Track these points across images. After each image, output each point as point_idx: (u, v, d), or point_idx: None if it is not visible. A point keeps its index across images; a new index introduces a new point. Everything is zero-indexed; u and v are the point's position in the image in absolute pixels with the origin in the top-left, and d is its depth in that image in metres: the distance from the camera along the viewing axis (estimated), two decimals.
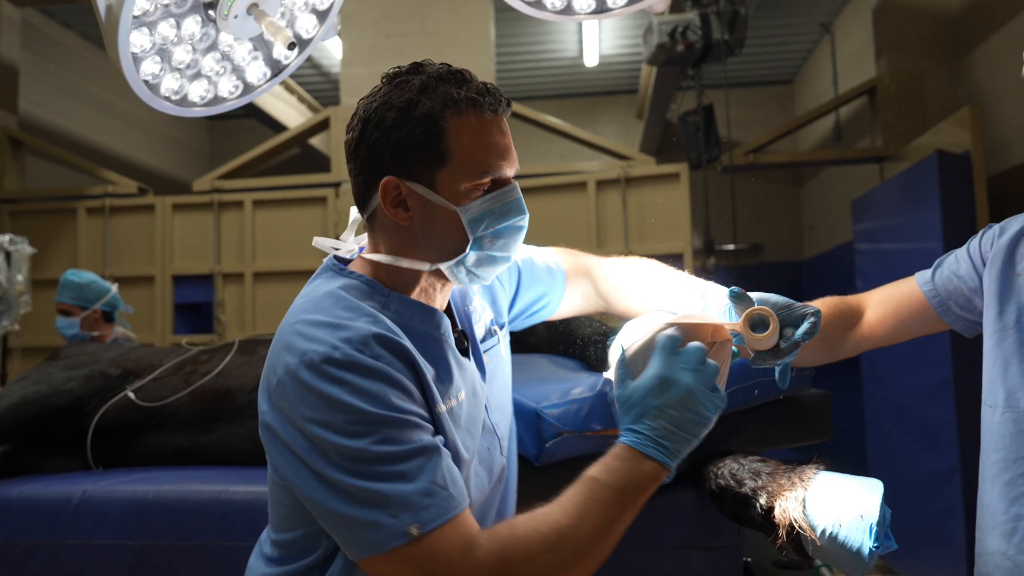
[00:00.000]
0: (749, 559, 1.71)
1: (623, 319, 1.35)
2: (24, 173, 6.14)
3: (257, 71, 1.41)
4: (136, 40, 1.16)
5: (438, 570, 0.92)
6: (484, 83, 1.07)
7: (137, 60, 1.19)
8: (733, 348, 1.18)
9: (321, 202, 5.44)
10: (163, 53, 1.24)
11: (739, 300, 1.16)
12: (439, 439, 1.00)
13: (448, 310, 1.20)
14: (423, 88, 1.04)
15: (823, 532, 1.15)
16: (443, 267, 1.09)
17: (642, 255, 4.74)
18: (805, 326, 1.12)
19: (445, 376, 1.08)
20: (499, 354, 1.28)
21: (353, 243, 1.20)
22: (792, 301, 1.17)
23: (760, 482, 1.32)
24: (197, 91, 1.33)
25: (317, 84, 8.50)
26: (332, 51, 7.13)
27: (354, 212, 1.19)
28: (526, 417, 1.50)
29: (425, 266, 1.09)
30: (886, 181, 4.88)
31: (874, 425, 4.78)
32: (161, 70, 1.25)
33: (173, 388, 1.99)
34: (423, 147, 1.03)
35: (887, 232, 4.62)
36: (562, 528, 0.96)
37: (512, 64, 8.35)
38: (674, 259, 4.95)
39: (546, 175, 5.37)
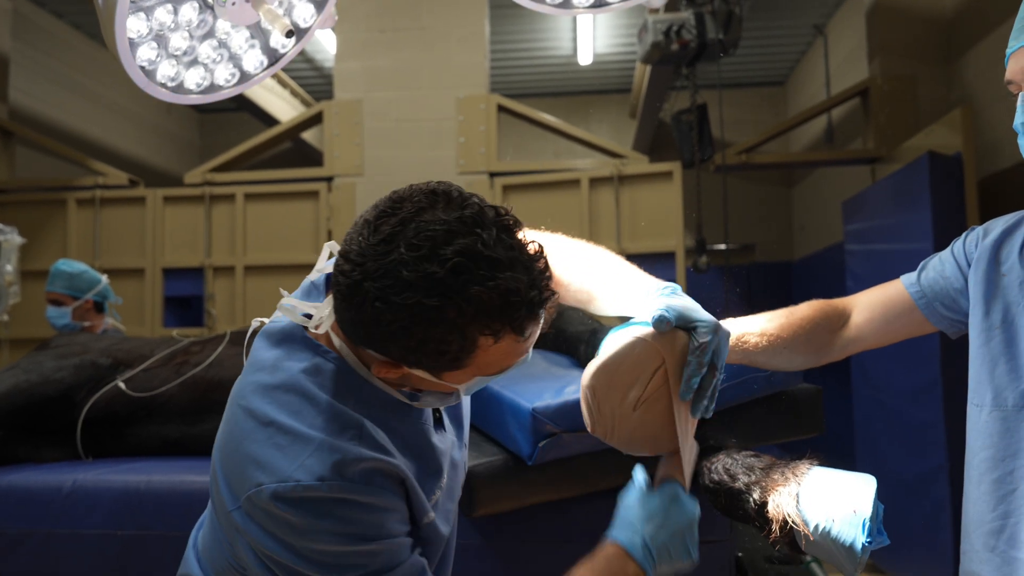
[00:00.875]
0: (740, 554, 1.71)
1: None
2: (14, 163, 6.09)
3: (254, 59, 1.40)
4: (133, 25, 1.15)
5: None
6: (535, 296, 0.88)
7: (134, 46, 1.18)
8: None
9: (313, 196, 5.42)
10: (160, 39, 1.23)
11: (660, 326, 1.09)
12: (412, 550, 0.99)
13: None
14: (461, 321, 0.85)
15: (816, 527, 1.15)
16: (417, 405, 1.04)
17: (635, 253, 4.73)
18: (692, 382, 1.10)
19: (430, 470, 1.05)
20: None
21: (326, 315, 1.00)
22: (703, 330, 1.09)
23: (754, 477, 1.32)
24: (193, 78, 1.32)
25: (310, 78, 8.47)
26: (325, 45, 7.10)
27: (328, 248, 1.06)
28: (519, 416, 1.50)
29: (404, 399, 1.02)
30: (877, 182, 4.90)
31: (863, 425, 4.81)
32: (158, 56, 1.24)
33: (164, 379, 1.98)
34: (440, 365, 0.91)
35: (878, 233, 4.64)
36: None
37: (506, 61, 8.34)
38: (666, 257, 4.97)
39: (540, 172, 5.37)
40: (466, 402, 1.26)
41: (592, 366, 1.15)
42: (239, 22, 1.28)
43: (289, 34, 1.23)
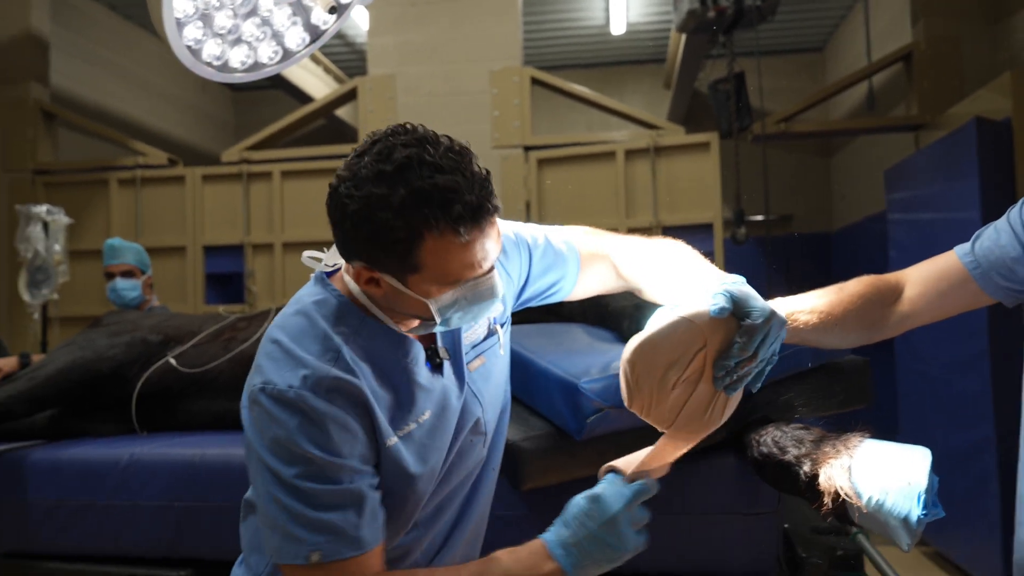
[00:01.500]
0: (787, 525, 1.71)
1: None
2: (57, 145, 6.20)
3: (296, 36, 1.40)
4: (179, 5, 1.16)
5: None
6: (477, 199, 1.02)
7: (180, 25, 1.19)
8: None
9: None
10: (205, 18, 1.23)
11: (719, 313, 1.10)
12: (369, 482, 1.09)
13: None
14: (402, 209, 0.99)
15: (869, 500, 1.15)
16: (410, 334, 1.15)
17: (671, 225, 4.71)
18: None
19: (406, 401, 1.14)
20: (497, 352, 1.32)
21: (338, 260, 1.18)
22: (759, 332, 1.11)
23: (804, 449, 1.31)
24: (238, 56, 1.33)
25: (342, 54, 8.48)
26: (357, 21, 7.09)
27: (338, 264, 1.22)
28: (566, 391, 1.50)
29: (392, 325, 1.15)
30: (922, 150, 4.79)
31: (907, 398, 4.74)
32: (203, 35, 1.25)
33: (213, 355, 2.02)
34: (396, 258, 1.04)
35: (923, 202, 4.53)
36: None
37: (538, 32, 8.26)
38: (703, 229, 4.92)
39: (575, 144, 5.32)
40: (493, 371, 1.30)
41: (634, 341, 1.14)
42: None
43: (332, 10, 1.23)
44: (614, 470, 1.19)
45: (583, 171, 5.22)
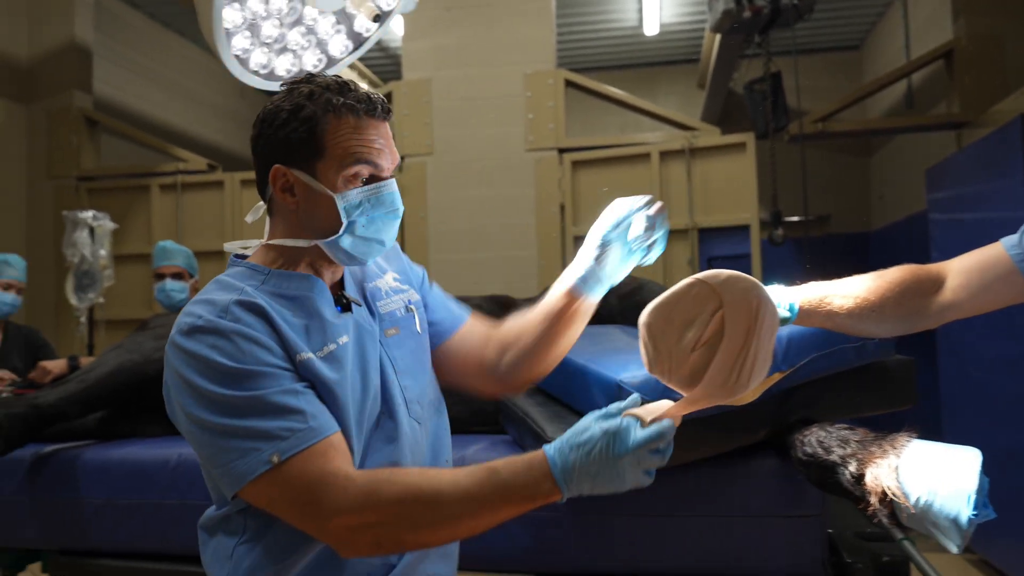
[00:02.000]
0: (831, 530, 1.69)
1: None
2: (100, 152, 6.35)
3: (339, 44, 1.43)
4: (228, 16, 1.19)
5: (303, 493, 1.03)
6: (368, 93, 1.20)
7: (229, 36, 1.22)
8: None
9: None
10: (253, 28, 1.26)
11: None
12: (299, 384, 1.12)
13: (341, 284, 1.30)
14: (310, 95, 1.18)
15: (918, 500, 1.14)
16: (321, 244, 1.21)
17: (707, 227, 4.68)
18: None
19: (316, 328, 1.19)
20: (413, 329, 1.35)
21: (253, 242, 1.34)
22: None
23: (849, 450, 1.30)
24: (284, 64, 1.36)
25: (377, 59, 8.56)
26: (393, 26, 7.16)
27: (260, 205, 1.32)
28: (605, 388, 1.51)
29: (303, 243, 1.22)
30: (964, 148, 4.70)
31: (949, 398, 4.66)
32: (251, 45, 1.28)
33: None
34: (305, 142, 1.17)
35: (965, 201, 4.45)
36: (440, 496, 1.03)
37: (572, 34, 8.26)
38: (740, 231, 4.88)
39: (608, 147, 5.32)
40: (408, 343, 1.32)
41: (650, 305, 1.15)
42: (326, 8, 1.31)
43: (376, 18, 1.26)
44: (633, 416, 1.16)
45: (617, 173, 5.21)
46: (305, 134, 1.17)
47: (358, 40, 1.43)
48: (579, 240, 5.15)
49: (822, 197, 7.66)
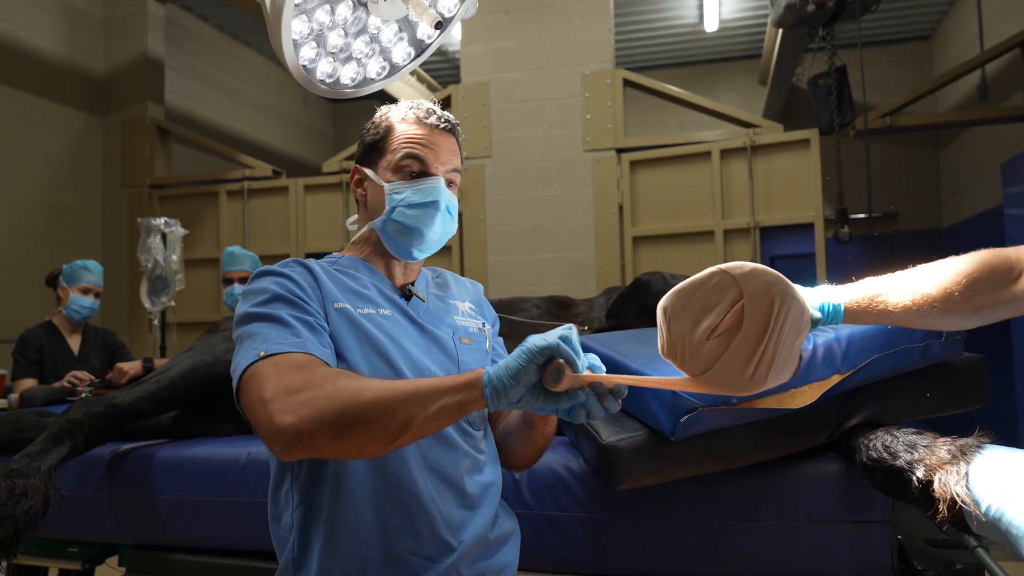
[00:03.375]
0: (901, 536, 1.65)
1: None
2: (171, 160, 6.58)
3: (402, 51, 1.45)
4: (296, 27, 1.23)
5: (261, 381, 1.10)
6: (437, 110, 1.38)
7: (296, 46, 1.26)
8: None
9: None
10: (319, 38, 1.30)
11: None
12: (317, 321, 1.24)
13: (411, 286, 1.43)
14: (391, 109, 1.41)
15: (988, 508, 1.10)
16: (372, 225, 1.38)
17: (770, 225, 4.59)
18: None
19: (367, 295, 1.34)
20: (483, 348, 1.43)
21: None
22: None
23: (916, 455, 1.27)
24: (348, 73, 1.39)
25: (435, 63, 8.65)
26: (451, 30, 7.23)
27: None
28: (658, 392, 1.50)
29: (365, 228, 1.41)
30: None
31: None
32: (317, 55, 1.32)
33: None
34: (374, 143, 1.39)
35: None
36: (376, 397, 1.05)
37: (630, 33, 8.22)
38: (804, 229, 4.78)
39: (667, 146, 5.27)
40: (476, 356, 1.40)
41: (671, 290, 1.13)
42: (389, 17, 1.33)
43: (438, 25, 1.28)
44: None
45: (677, 172, 5.16)
46: (375, 137, 1.38)
47: (420, 47, 1.45)
48: (638, 241, 5.15)
49: (889, 193, 7.45)
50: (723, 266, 1.10)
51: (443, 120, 1.38)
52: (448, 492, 1.24)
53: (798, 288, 1.11)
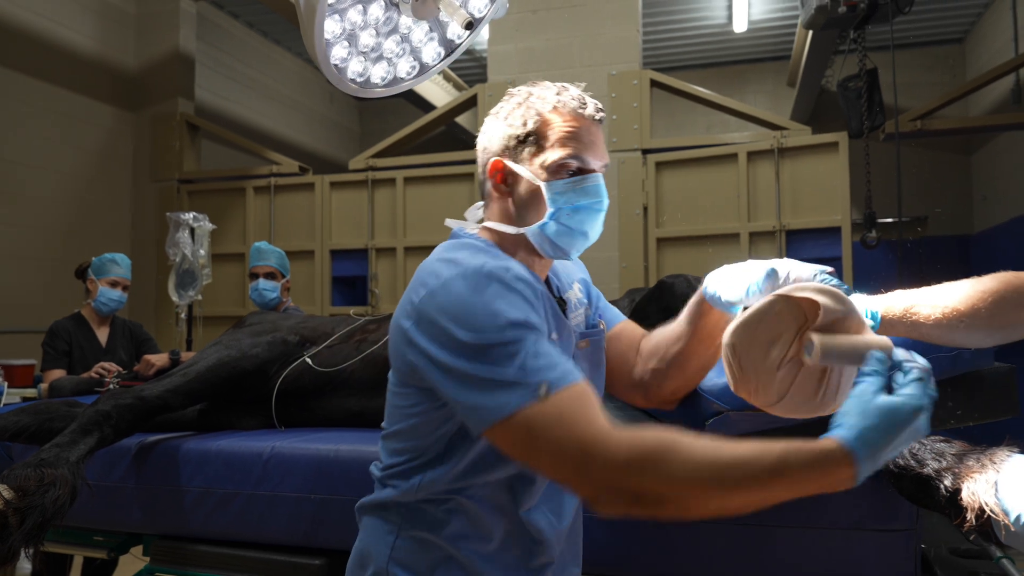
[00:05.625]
0: (924, 545, 1.63)
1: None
2: (200, 155, 6.65)
3: (432, 51, 1.46)
4: (329, 27, 1.24)
5: (567, 433, 0.98)
6: (584, 95, 1.27)
7: (329, 46, 1.27)
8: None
9: (468, 178, 5.57)
10: (351, 38, 1.31)
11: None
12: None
13: (547, 284, 1.32)
14: (527, 96, 1.27)
15: (1018, 518, 1.09)
16: (528, 232, 1.25)
17: (796, 229, 4.55)
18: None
19: (551, 321, 1.21)
20: (600, 344, 1.37)
21: (474, 224, 1.35)
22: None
23: (944, 463, 1.26)
24: (379, 73, 1.40)
25: (462, 62, 8.67)
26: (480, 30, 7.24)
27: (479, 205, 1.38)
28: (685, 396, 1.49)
29: (512, 230, 1.26)
30: None
31: None
32: (348, 54, 1.33)
33: (346, 355, 2.12)
34: (524, 135, 1.25)
35: None
36: (724, 477, 0.95)
37: (658, 34, 8.18)
38: (831, 232, 4.74)
39: (695, 147, 5.24)
40: (594, 358, 1.35)
41: (733, 323, 1.13)
42: (421, 17, 1.34)
43: (468, 25, 1.28)
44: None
45: (703, 174, 5.13)
46: (525, 128, 1.25)
47: (450, 47, 1.46)
48: (662, 242, 5.12)
49: (920, 198, 7.36)
50: (783, 291, 1.10)
51: (598, 111, 1.27)
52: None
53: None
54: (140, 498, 2.00)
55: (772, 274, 1.15)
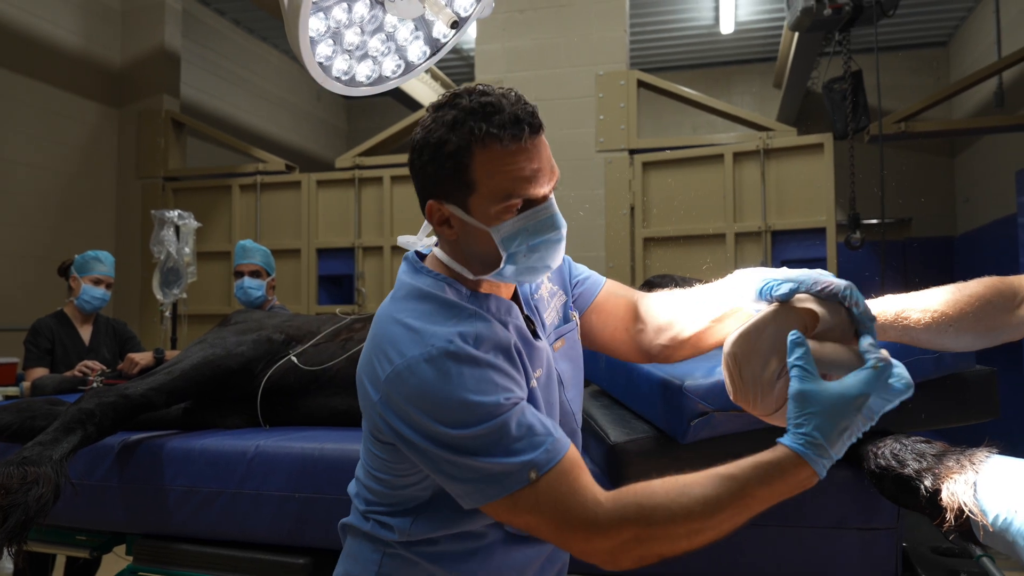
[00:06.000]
0: (906, 544, 1.65)
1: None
2: (185, 153, 6.61)
3: (417, 50, 1.46)
4: (313, 25, 1.24)
5: (560, 511, 1.01)
6: (514, 113, 1.09)
7: (313, 43, 1.27)
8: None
9: None
10: (336, 36, 1.31)
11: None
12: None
13: (515, 298, 1.27)
14: (452, 125, 1.09)
15: (996, 518, 1.10)
16: (484, 278, 1.18)
17: (781, 229, 4.57)
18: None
19: (529, 355, 1.18)
20: (575, 338, 1.34)
21: (428, 240, 1.29)
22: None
23: (925, 463, 1.27)
24: (364, 71, 1.40)
25: (450, 61, 8.66)
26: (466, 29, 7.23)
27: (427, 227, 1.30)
28: (669, 394, 1.50)
29: (469, 275, 1.18)
30: None
31: None
32: (333, 52, 1.32)
33: (332, 354, 2.11)
34: (452, 178, 1.11)
35: None
36: (693, 516, 1.01)
37: (645, 34, 8.20)
38: (816, 233, 4.77)
39: (681, 148, 5.26)
40: (572, 354, 1.33)
41: (734, 333, 1.14)
42: (406, 15, 1.34)
43: (454, 24, 1.28)
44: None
45: (689, 174, 5.15)
46: (452, 170, 1.10)
47: (436, 46, 1.46)
48: (649, 242, 5.13)
49: (903, 199, 7.42)
50: (777, 294, 1.12)
51: (529, 126, 1.10)
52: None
53: None
54: (123, 497, 1.99)
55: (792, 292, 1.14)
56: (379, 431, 1.13)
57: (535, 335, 1.23)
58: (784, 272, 1.18)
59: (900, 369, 1.06)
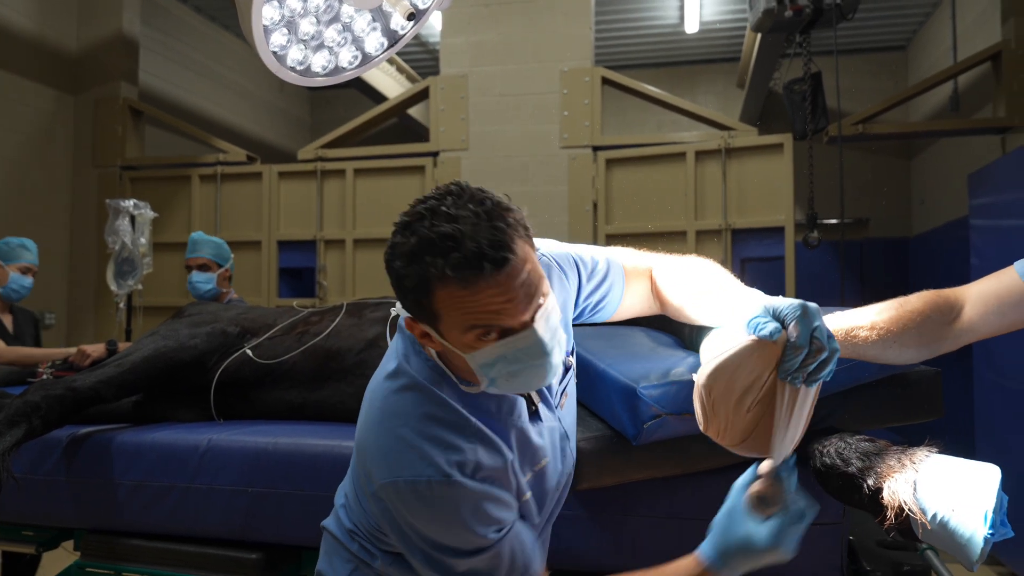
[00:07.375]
0: (852, 538, 1.68)
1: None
2: (143, 142, 6.48)
3: (375, 41, 1.45)
4: (267, 13, 1.22)
5: None
6: (478, 246, 0.97)
7: (267, 32, 1.25)
8: None
9: (419, 171, 5.54)
10: (290, 25, 1.29)
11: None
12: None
13: None
14: (410, 258, 1.01)
15: (934, 516, 1.12)
16: (470, 391, 1.14)
17: (741, 228, 4.63)
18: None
19: (526, 451, 1.19)
20: (574, 381, 1.37)
21: None
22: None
23: (868, 462, 1.29)
24: (319, 61, 1.38)
25: (414, 54, 8.61)
26: (431, 20, 7.20)
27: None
28: (624, 396, 1.51)
29: (457, 381, 1.15)
30: (1009, 153, 4.60)
31: (983, 411, 4.57)
32: (288, 42, 1.31)
33: (287, 347, 2.09)
34: (418, 308, 1.06)
35: (1008, 208, 4.36)
36: None
37: (610, 32, 8.23)
38: (775, 232, 4.83)
39: (644, 145, 5.30)
40: (572, 401, 1.37)
41: (708, 366, 1.13)
42: (363, 6, 1.33)
43: (410, 16, 1.27)
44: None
45: (652, 172, 5.19)
46: (415, 302, 1.04)
47: (393, 38, 1.44)
48: (611, 239, 5.17)
49: (861, 200, 7.55)
50: (760, 335, 1.08)
51: (492, 260, 0.97)
52: None
53: None
54: (72, 491, 1.95)
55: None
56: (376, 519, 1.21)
57: (535, 415, 1.23)
58: (781, 301, 1.11)
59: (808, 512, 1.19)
